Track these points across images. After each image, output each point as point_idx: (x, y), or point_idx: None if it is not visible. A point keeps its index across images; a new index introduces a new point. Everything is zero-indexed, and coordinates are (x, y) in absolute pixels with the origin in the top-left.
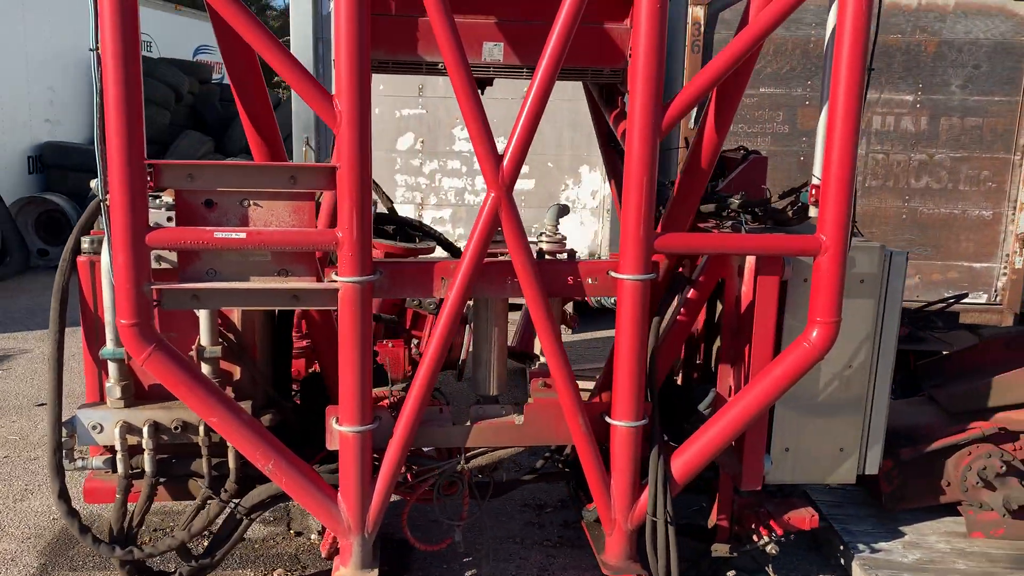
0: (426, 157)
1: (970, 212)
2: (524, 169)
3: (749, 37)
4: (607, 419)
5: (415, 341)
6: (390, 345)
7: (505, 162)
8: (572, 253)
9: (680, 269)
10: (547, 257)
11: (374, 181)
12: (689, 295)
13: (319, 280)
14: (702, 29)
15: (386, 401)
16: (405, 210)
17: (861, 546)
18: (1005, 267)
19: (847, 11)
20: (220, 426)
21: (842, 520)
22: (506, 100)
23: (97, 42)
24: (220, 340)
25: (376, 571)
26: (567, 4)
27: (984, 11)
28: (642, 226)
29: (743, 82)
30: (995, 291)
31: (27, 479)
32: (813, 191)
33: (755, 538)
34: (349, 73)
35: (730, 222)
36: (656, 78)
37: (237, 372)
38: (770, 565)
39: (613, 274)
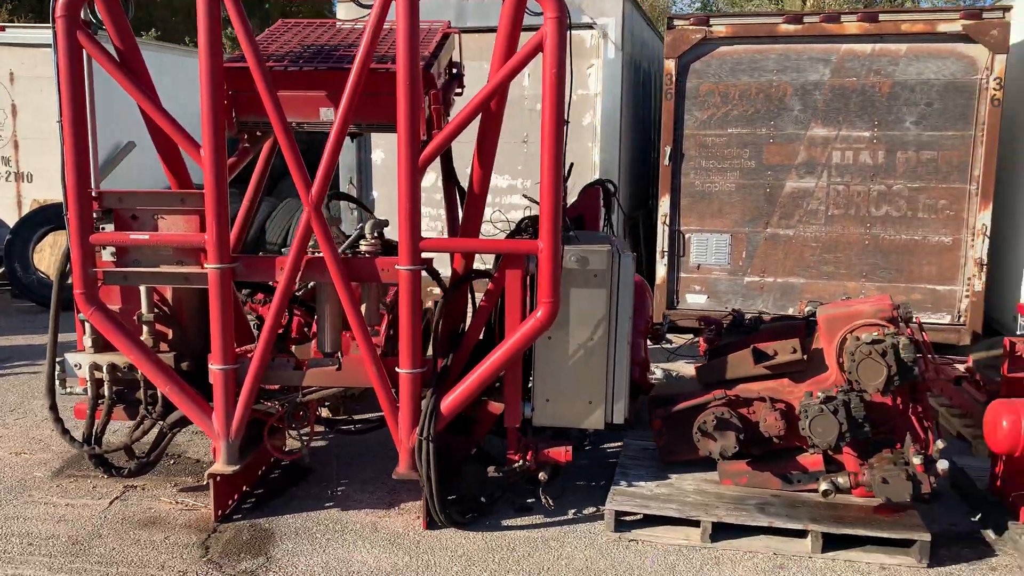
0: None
1: (930, 238)
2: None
3: (484, 94)
4: (397, 369)
5: None
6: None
7: (313, 189)
8: (380, 253)
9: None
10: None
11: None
12: (489, 287)
13: (201, 267)
14: (674, 78)
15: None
16: None
17: (623, 483)
18: (967, 290)
19: (546, 79)
20: (136, 362)
21: (627, 467)
22: (509, 143)
23: (60, 116)
24: (156, 310)
25: (238, 466)
26: (349, 85)
27: (935, 54)
28: (409, 232)
29: (496, 128)
30: (958, 312)
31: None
32: None
33: (517, 465)
34: (209, 132)
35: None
36: (411, 130)
37: (171, 333)
38: (542, 489)
39: (397, 267)
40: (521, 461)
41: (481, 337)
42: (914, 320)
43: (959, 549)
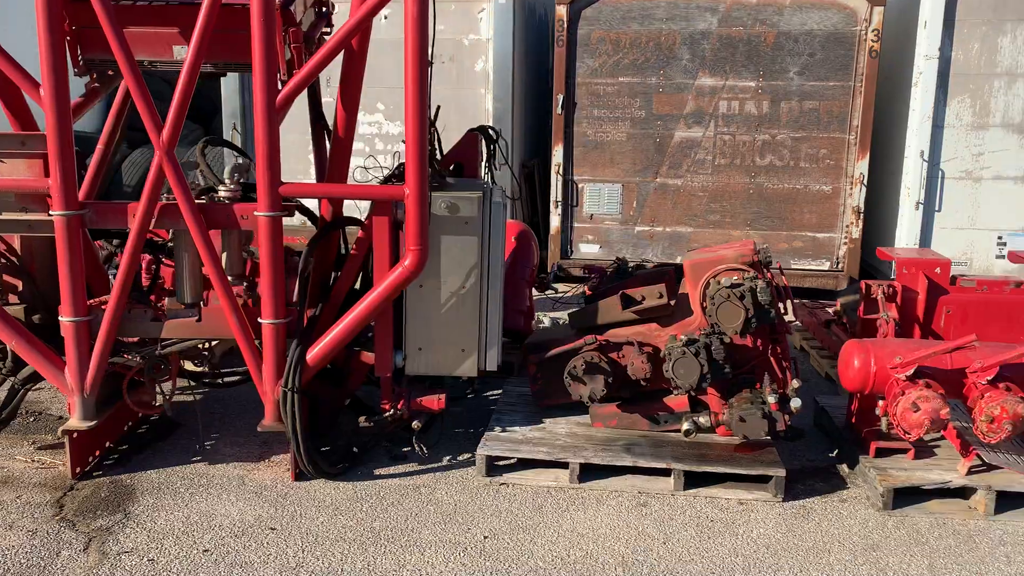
0: None
1: (811, 187)
2: None
3: (343, 32)
4: (259, 320)
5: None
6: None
7: (164, 132)
8: (241, 199)
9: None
10: (224, 201)
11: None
12: (359, 235)
13: (47, 215)
14: (565, 25)
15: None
16: None
17: (498, 428)
18: (845, 237)
19: (408, 17)
20: None
21: (503, 413)
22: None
23: None
24: (3, 260)
25: (95, 422)
26: (199, 21)
27: (818, 5)
28: (267, 177)
29: (359, 69)
30: (836, 259)
31: None
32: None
33: (388, 415)
34: (48, 70)
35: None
36: (267, 70)
37: (21, 284)
38: (415, 438)
39: (256, 213)
40: (392, 411)
41: (359, 286)
42: (774, 265)
43: (814, 483)
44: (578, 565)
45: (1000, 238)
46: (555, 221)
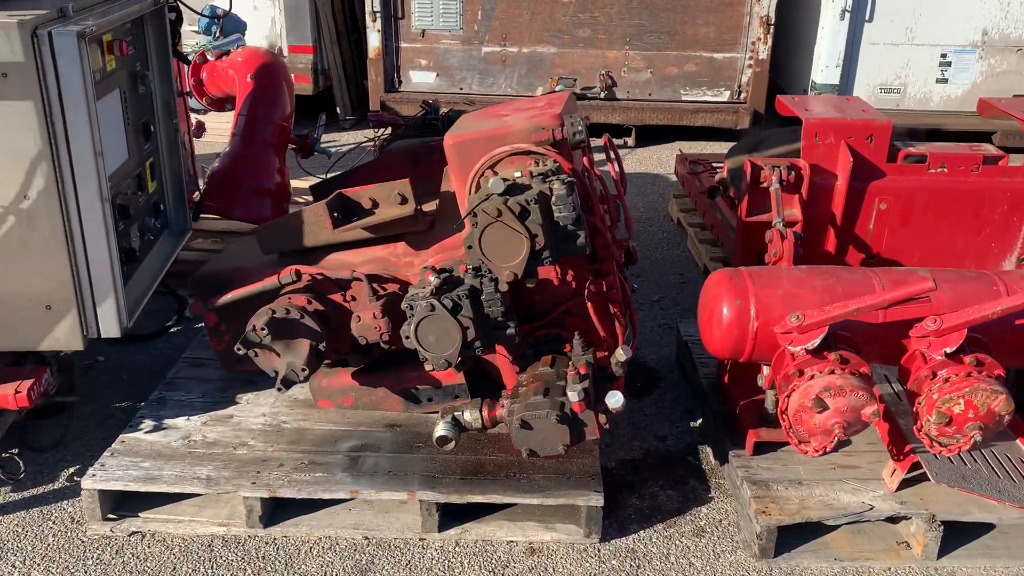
0: None
1: None
2: None
3: None
4: None
5: None
6: None
7: None
8: None
9: None
10: None
11: None
12: None
13: None
14: None
15: None
16: None
17: (147, 421)
18: (750, 58)
19: None
20: None
21: (176, 386)
22: None
23: None
24: None
25: None
26: None
27: None
28: None
29: None
30: (738, 87)
31: None
32: None
33: None
34: None
35: None
36: None
37: None
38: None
39: None
40: None
41: None
42: (592, 140)
43: (659, 489)
44: None
45: (944, 56)
46: (374, 39)
